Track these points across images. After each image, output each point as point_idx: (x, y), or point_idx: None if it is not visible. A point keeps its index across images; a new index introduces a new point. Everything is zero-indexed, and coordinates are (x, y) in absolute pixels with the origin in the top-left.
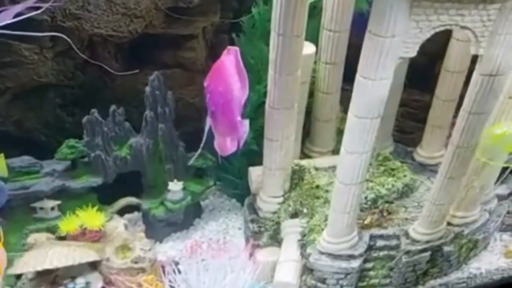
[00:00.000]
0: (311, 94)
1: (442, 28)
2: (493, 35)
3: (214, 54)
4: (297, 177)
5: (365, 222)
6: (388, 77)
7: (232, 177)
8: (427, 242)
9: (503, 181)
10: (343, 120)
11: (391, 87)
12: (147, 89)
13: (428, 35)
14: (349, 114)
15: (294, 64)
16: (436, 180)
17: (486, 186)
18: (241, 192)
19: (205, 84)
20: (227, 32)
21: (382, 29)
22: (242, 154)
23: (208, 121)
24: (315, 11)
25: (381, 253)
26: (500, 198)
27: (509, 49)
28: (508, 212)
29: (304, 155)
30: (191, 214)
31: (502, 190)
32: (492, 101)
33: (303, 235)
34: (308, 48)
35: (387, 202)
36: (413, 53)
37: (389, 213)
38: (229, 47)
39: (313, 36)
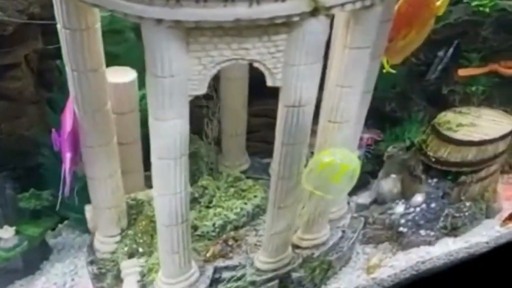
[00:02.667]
0: None
1: (228, 63)
2: (286, 67)
3: (43, 81)
4: (135, 212)
5: (207, 254)
6: (182, 116)
7: (75, 213)
8: (274, 270)
9: (366, 188)
10: (190, 142)
11: (234, 106)
12: None
13: (214, 70)
14: (152, 156)
15: (99, 99)
16: (267, 210)
17: (327, 209)
18: None
19: None
20: (55, 58)
21: (158, 68)
22: (82, 189)
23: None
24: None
25: (229, 285)
26: (361, 207)
27: (307, 80)
28: (369, 223)
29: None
30: (37, 257)
31: (364, 199)
32: (303, 131)
33: (143, 275)
34: (128, 75)
35: (236, 227)
36: (202, 90)
37: (236, 241)
38: None
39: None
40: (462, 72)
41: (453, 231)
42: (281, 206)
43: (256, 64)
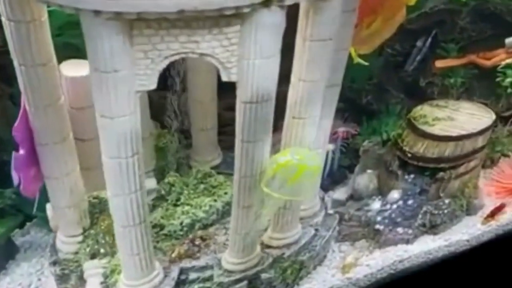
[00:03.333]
0: None
1: (177, 57)
2: (241, 61)
3: (4, 76)
4: (97, 211)
5: (173, 255)
6: (131, 112)
7: (41, 212)
8: (242, 271)
9: (343, 183)
10: (159, 136)
11: (202, 99)
12: None
13: (163, 65)
14: (102, 155)
15: (51, 94)
16: (232, 210)
17: (294, 208)
18: None
19: None
20: None
21: (100, 63)
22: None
23: None
24: None
25: (195, 287)
26: (337, 203)
27: (264, 74)
28: (344, 220)
29: None
30: (1, 257)
31: (340, 194)
32: (263, 128)
33: (105, 276)
34: (87, 68)
35: (205, 226)
36: (152, 85)
37: (204, 240)
38: None
39: None
40: (439, 63)
41: (432, 228)
42: (245, 205)
43: (208, 59)
